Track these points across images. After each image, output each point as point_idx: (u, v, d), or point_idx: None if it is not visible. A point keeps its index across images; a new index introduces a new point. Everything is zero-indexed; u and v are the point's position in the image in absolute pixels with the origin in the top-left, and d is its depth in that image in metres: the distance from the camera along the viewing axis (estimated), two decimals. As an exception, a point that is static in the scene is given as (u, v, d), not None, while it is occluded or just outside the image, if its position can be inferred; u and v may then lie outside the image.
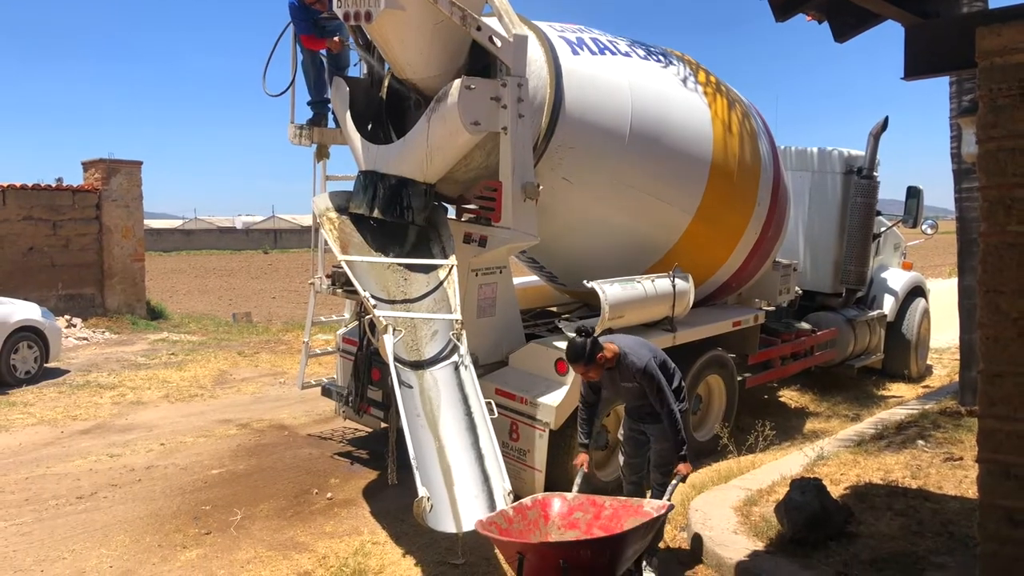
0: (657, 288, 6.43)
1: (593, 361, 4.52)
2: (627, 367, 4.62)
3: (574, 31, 6.55)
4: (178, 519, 5.70)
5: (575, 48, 6.29)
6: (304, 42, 6.66)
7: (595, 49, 6.46)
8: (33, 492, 6.21)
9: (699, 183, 6.85)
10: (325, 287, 6.56)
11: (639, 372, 4.59)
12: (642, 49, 6.93)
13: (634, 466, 4.99)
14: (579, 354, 4.51)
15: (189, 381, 10.34)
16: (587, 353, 4.49)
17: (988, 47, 3.17)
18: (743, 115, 7.43)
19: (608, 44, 6.62)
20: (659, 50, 7.13)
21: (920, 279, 11.29)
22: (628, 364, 4.61)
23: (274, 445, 7.47)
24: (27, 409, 8.78)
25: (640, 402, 4.78)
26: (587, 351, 4.49)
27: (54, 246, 14.42)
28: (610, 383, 4.75)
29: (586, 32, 6.66)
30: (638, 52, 6.82)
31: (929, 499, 5.50)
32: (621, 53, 6.62)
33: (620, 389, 4.76)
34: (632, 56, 6.70)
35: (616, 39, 6.81)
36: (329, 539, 5.39)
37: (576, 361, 4.56)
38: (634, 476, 5.00)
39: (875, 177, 9.73)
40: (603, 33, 6.83)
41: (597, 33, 6.76)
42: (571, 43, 6.31)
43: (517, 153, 5.70)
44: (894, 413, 8.32)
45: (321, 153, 7.00)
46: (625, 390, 4.75)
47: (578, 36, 6.48)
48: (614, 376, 4.69)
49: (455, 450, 4.76)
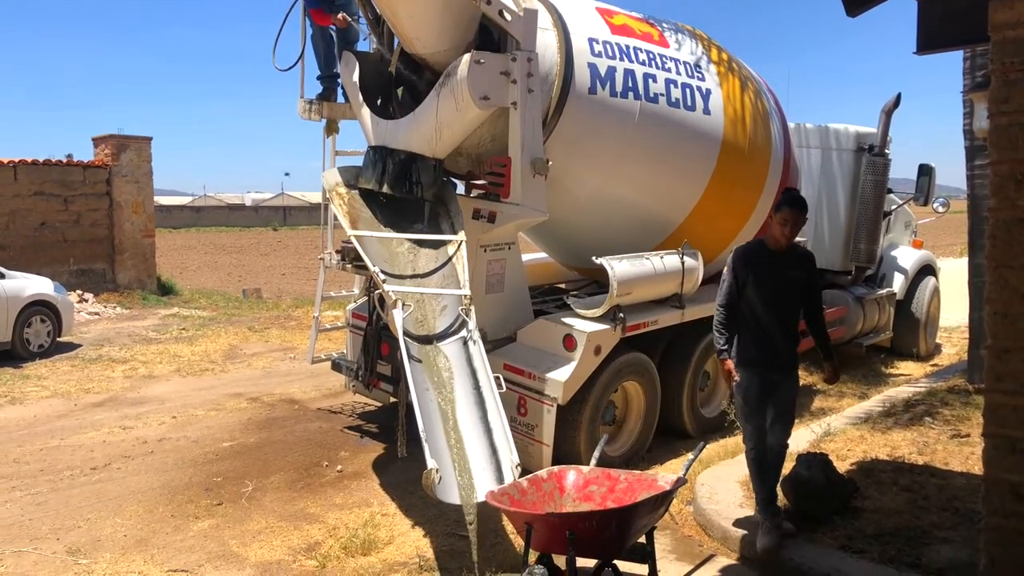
0: (666, 265, 6.44)
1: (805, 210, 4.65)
2: (801, 252, 4.77)
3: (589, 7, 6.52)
4: (190, 490, 5.78)
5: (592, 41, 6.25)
6: (313, 16, 6.64)
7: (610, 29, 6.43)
8: (48, 463, 6.30)
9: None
10: (335, 262, 6.59)
11: (808, 257, 4.74)
12: (656, 26, 6.88)
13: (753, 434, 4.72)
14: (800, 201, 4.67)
15: (200, 356, 10.43)
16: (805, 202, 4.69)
17: (1001, 20, 3.15)
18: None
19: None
20: (672, 26, 7.08)
21: (930, 258, 11.23)
22: (796, 247, 4.73)
23: (284, 419, 7.54)
24: (41, 382, 8.88)
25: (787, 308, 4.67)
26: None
27: (65, 221, 14.50)
28: (774, 269, 4.65)
29: (601, 5, 6.63)
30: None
31: (935, 475, 5.53)
32: (637, 33, 6.58)
33: (782, 280, 4.64)
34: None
35: (630, 15, 6.77)
36: (339, 510, 5.46)
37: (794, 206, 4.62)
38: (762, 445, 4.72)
39: (887, 155, 9.65)
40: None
41: (611, 7, 6.72)
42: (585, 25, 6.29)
43: (526, 128, 5.69)
44: (902, 391, 8.34)
45: (331, 128, 7.00)
46: (787, 281, 4.66)
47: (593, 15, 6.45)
48: (784, 260, 4.66)
49: (464, 423, 4.80)
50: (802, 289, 4.69)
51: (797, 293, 4.69)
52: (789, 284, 4.67)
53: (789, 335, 4.68)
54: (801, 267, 4.70)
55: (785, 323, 4.66)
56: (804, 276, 4.69)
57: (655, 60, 6.53)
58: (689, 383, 6.87)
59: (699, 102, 6.75)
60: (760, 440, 4.69)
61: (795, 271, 4.68)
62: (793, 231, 4.63)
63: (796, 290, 4.68)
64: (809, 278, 4.71)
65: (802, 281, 4.68)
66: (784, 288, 4.66)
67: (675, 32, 7.00)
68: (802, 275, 4.68)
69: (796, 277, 4.67)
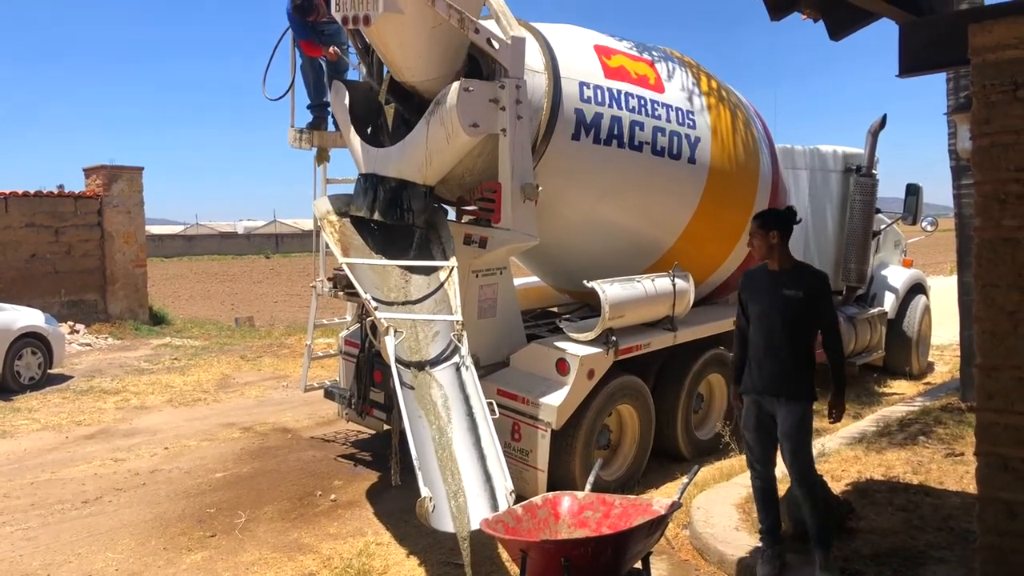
0: (657, 287, 6.45)
1: (769, 223, 4.53)
2: (803, 271, 4.57)
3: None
4: (183, 522, 5.73)
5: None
6: (303, 47, 6.70)
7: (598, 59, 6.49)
8: (39, 497, 6.24)
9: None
10: (327, 290, 6.59)
11: (815, 276, 4.54)
12: (645, 53, 6.93)
13: (764, 459, 4.62)
14: (763, 215, 4.65)
15: (192, 385, 10.38)
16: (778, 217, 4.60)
17: (980, 44, 3.21)
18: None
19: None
20: (661, 54, 7.13)
21: (921, 276, 11.30)
22: (803, 267, 4.60)
23: (277, 448, 7.50)
24: (32, 415, 8.82)
25: (780, 329, 4.47)
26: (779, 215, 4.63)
27: (56, 253, 14.47)
28: (769, 288, 4.55)
29: (602, 42, 6.65)
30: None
31: (930, 494, 5.52)
32: (632, 76, 6.59)
33: (777, 299, 4.49)
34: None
35: (619, 43, 6.82)
36: (333, 540, 5.42)
37: (755, 219, 4.62)
38: (765, 471, 4.63)
39: (874, 175, 9.74)
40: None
41: (600, 36, 6.77)
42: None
43: (516, 154, 5.73)
44: (896, 410, 8.34)
45: (321, 156, 7.03)
46: (781, 301, 4.48)
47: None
48: (779, 279, 4.52)
49: (458, 450, 4.79)
50: (799, 309, 4.43)
51: (791, 313, 4.44)
52: (783, 304, 4.45)
53: (785, 359, 4.45)
54: (798, 286, 4.44)
55: (778, 346, 4.45)
56: (801, 296, 4.43)
57: (645, 107, 6.50)
58: (683, 405, 6.86)
59: (685, 151, 6.73)
60: (763, 471, 4.62)
61: (791, 290, 4.45)
62: (760, 245, 4.52)
63: (790, 310, 4.42)
64: (809, 298, 4.44)
65: (798, 301, 4.42)
66: (777, 308, 4.47)
67: (666, 61, 7.04)
68: (798, 295, 4.43)
69: (791, 297, 4.44)
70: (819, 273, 4.62)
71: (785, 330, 4.48)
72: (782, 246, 4.54)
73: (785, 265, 4.56)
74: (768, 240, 4.52)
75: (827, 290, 4.58)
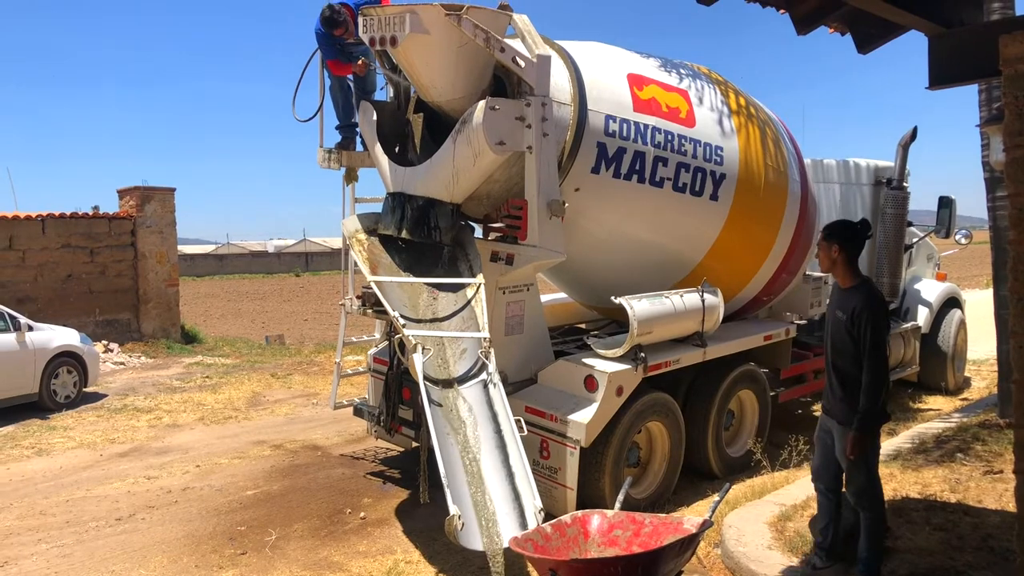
0: (686, 303, 6.42)
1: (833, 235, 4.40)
2: (858, 290, 4.34)
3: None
4: (214, 540, 5.77)
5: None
6: (331, 68, 6.80)
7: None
8: (74, 514, 6.32)
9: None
10: (356, 308, 6.64)
11: (861, 297, 4.28)
12: (674, 71, 6.91)
13: (817, 471, 4.63)
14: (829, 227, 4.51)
15: (223, 403, 10.48)
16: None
17: (1011, 55, 3.16)
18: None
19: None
20: (689, 71, 7.11)
21: (955, 290, 11.11)
22: (859, 288, 4.35)
23: (307, 465, 7.54)
24: (67, 433, 8.95)
25: (836, 350, 4.39)
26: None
27: (91, 273, 14.73)
28: (832, 305, 4.49)
29: (637, 71, 6.61)
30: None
31: (969, 513, 5.40)
32: (662, 109, 6.54)
33: (832, 319, 4.44)
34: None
35: (651, 66, 6.77)
36: (363, 558, 5.42)
37: (822, 232, 4.52)
38: (820, 484, 4.64)
39: (905, 188, 9.63)
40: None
41: (634, 60, 6.74)
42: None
43: (542, 171, 5.74)
44: (931, 426, 8.18)
45: (350, 176, 7.12)
46: (834, 321, 4.41)
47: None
48: (838, 298, 4.41)
49: (486, 468, 4.78)
50: (843, 333, 4.33)
51: (838, 337, 4.38)
52: (835, 324, 4.42)
53: (835, 383, 4.41)
54: (845, 308, 4.33)
55: (836, 367, 4.40)
56: (845, 319, 4.31)
57: (672, 143, 6.45)
58: (714, 422, 6.80)
59: (708, 188, 6.69)
60: (817, 482, 4.66)
61: (840, 312, 4.38)
62: (823, 257, 4.45)
63: (842, 331, 4.35)
64: (851, 321, 4.28)
65: (842, 323, 4.34)
66: (831, 329, 4.46)
67: (694, 80, 7.00)
68: (843, 317, 4.34)
69: (838, 319, 4.39)
70: (870, 294, 4.36)
71: (834, 352, 4.45)
72: (845, 261, 4.41)
73: (846, 283, 4.44)
74: (830, 253, 4.44)
75: (869, 314, 4.27)
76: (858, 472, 4.38)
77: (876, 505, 4.44)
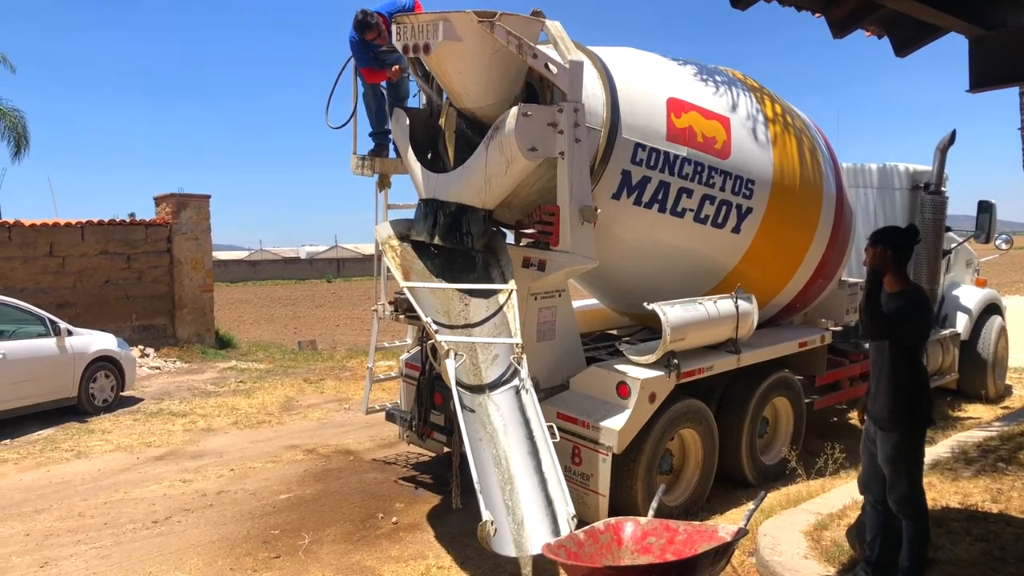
0: (720, 309, 6.36)
1: (878, 240, 4.32)
2: (903, 293, 4.28)
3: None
4: (248, 543, 5.82)
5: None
6: (364, 75, 6.85)
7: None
8: (111, 516, 6.42)
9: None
10: (388, 313, 6.68)
11: (903, 300, 4.23)
12: (711, 81, 6.84)
13: (865, 482, 4.58)
14: (878, 233, 4.41)
15: (257, 408, 10.58)
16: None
17: (1056, 56, 3.10)
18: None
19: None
20: (725, 78, 7.02)
21: (995, 296, 10.89)
22: (903, 294, 4.29)
23: (340, 470, 7.58)
24: (105, 436, 9.10)
25: (877, 352, 4.37)
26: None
27: (128, 279, 14.96)
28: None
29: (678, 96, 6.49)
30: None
31: (1011, 524, 5.29)
32: (698, 139, 6.43)
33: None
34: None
35: (704, 111, 6.55)
36: (395, 563, 5.44)
37: (870, 237, 4.41)
38: (869, 495, 4.57)
39: (943, 192, 9.47)
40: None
41: (675, 79, 6.65)
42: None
43: (574, 177, 5.73)
44: (972, 435, 8.02)
45: (383, 183, 7.17)
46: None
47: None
48: (886, 301, 4.31)
49: (518, 474, 4.77)
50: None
51: (880, 341, 4.40)
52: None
53: (884, 385, 4.36)
54: (890, 310, 4.28)
55: (880, 369, 4.38)
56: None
57: (701, 174, 6.35)
58: (748, 430, 6.73)
59: (731, 220, 6.62)
60: (865, 493, 4.58)
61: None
62: (872, 262, 4.33)
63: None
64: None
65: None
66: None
67: (730, 87, 6.90)
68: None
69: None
70: (911, 300, 4.32)
71: (878, 354, 4.44)
72: (893, 267, 4.33)
73: (892, 287, 4.37)
74: (875, 258, 4.36)
75: (906, 312, 4.26)
76: (900, 479, 4.31)
77: (919, 514, 4.36)
